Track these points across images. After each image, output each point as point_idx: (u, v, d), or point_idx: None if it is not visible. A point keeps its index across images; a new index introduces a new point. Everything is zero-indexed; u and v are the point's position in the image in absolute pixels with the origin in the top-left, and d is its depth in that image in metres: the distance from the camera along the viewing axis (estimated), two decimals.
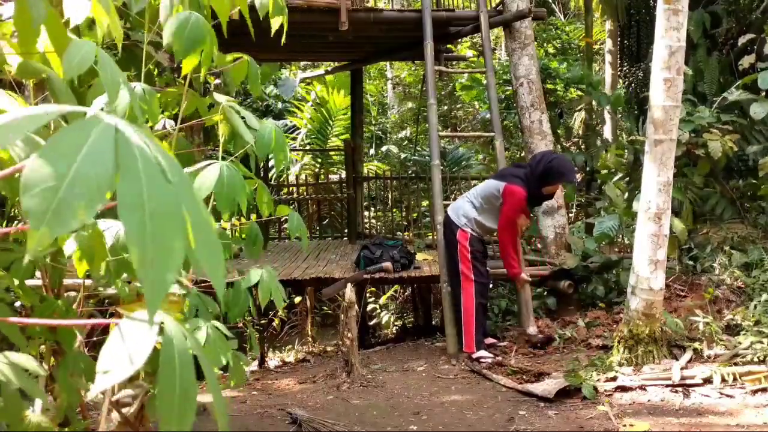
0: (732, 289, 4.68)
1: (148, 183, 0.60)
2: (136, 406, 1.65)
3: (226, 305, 1.82)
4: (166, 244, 0.60)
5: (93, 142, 0.60)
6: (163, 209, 0.60)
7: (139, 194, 0.59)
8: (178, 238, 0.61)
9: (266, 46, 6.81)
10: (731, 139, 5.05)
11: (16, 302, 1.64)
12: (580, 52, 11.10)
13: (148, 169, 0.62)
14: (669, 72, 3.79)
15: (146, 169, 0.61)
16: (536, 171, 4.31)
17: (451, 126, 12.01)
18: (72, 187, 0.57)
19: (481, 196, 4.50)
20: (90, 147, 0.59)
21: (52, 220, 0.56)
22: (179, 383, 0.71)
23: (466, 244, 4.44)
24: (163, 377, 0.71)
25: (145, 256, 0.58)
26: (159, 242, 0.59)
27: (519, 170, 4.48)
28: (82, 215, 0.57)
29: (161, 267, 0.59)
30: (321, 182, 9.83)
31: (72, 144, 0.59)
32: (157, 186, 0.61)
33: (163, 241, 0.60)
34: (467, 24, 6.41)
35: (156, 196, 0.60)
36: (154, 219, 0.59)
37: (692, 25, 6.62)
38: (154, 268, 0.59)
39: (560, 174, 4.29)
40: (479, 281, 4.44)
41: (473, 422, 3.31)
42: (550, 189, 4.40)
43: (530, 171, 4.36)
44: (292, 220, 1.92)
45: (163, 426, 0.70)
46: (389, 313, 8.42)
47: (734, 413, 3.19)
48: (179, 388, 0.71)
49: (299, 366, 5.61)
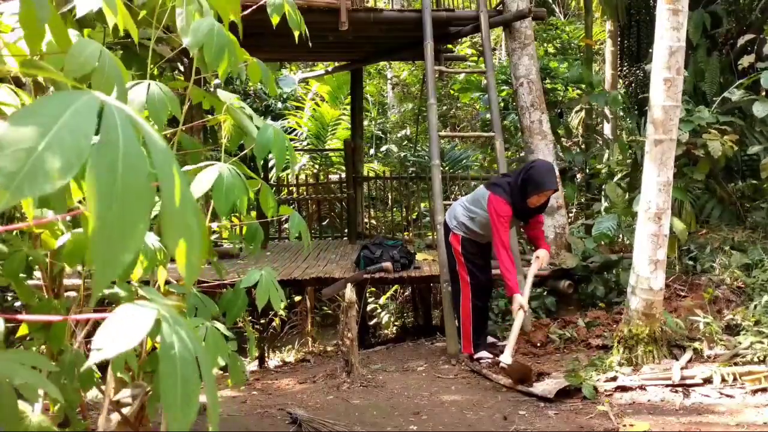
0: (732, 289, 4.68)
1: (124, 159, 0.59)
2: (136, 406, 1.65)
3: (224, 306, 1.82)
4: (131, 223, 0.59)
5: (75, 111, 0.59)
6: (136, 188, 0.59)
7: (112, 169, 0.58)
8: (143, 221, 0.60)
9: (266, 46, 6.82)
10: (730, 139, 5.05)
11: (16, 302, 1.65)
12: (580, 52, 11.09)
13: (129, 146, 0.60)
14: (669, 72, 3.79)
15: (126, 146, 0.60)
16: (517, 183, 4.07)
17: (451, 126, 12.00)
18: (48, 150, 0.56)
19: (471, 202, 4.40)
20: (71, 115, 0.59)
21: (23, 181, 0.55)
22: (180, 374, 0.72)
23: (458, 248, 4.43)
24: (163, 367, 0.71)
25: (105, 233, 0.57)
26: (124, 220, 0.58)
27: (505, 179, 4.25)
28: (56, 179, 0.56)
29: (120, 246, 0.58)
30: (321, 182, 9.83)
31: (53, 109, 0.59)
32: (134, 164, 0.60)
33: (129, 219, 0.58)
34: (467, 24, 6.40)
35: (131, 174, 0.59)
36: (125, 196, 0.58)
37: (692, 25, 6.62)
38: (112, 247, 0.57)
39: (538, 184, 3.98)
40: (473, 283, 4.41)
41: (473, 422, 3.31)
42: (534, 200, 4.08)
43: (513, 182, 4.11)
44: (293, 220, 1.92)
45: (167, 419, 0.70)
46: (389, 313, 8.41)
47: (734, 413, 3.18)
48: (180, 379, 0.71)
49: (299, 366, 5.60)
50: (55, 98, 0.60)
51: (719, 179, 5.78)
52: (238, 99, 1.77)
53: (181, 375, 0.71)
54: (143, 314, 0.76)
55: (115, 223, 0.58)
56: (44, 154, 0.57)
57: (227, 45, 1.54)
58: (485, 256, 4.51)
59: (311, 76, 11.23)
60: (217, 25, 1.54)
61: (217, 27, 1.53)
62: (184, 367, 0.72)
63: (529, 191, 4.02)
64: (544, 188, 4.00)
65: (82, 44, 1.17)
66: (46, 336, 1.50)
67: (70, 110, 0.59)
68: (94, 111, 0.60)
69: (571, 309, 5.34)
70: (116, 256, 0.58)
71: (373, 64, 11.29)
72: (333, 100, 11.47)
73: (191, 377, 0.72)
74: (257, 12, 1.91)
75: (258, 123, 1.73)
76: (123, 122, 0.62)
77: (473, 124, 11.89)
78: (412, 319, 8.38)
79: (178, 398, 0.70)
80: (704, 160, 5.17)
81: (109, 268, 0.58)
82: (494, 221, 4.06)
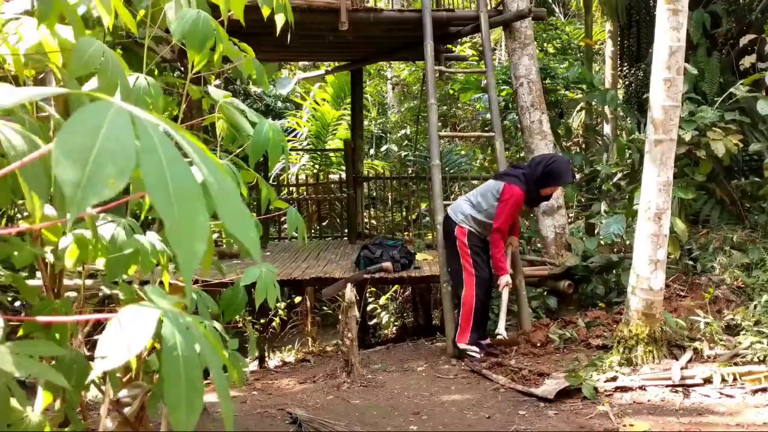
0: (732, 289, 4.68)
1: (168, 163, 0.65)
2: (136, 406, 1.65)
3: (224, 304, 1.82)
4: (191, 217, 0.65)
5: (111, 122, 0.64)
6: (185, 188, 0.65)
7: (161, 174, 0.64)
8: (201, 213, 0.66)
9: (265, 45, 6.81)
10: (734, 138, 5.05)
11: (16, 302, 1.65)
12: (580, 52, 11.08)
13: (167, 149, 0.66)
14: (669, 72, 3.79)
15: (165, 150, 0.65)
16: (536, 173, 4.39)
17: (451, 126, 11.99)
18: (100, 159, 0.61)
19: (480, 194, 4.58)
20: (109, 126, 0.63)
21: (86, 189, 0.60)
22: (184, 375, 0.72)
23: (464, 240, 4.51)
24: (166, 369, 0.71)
25: (175, 230, 0.63)
26: (186, 217, 0.64)
27: (518, 170, 4.55)
28: (113, 184, 0.61)
29: (191, 238, 0.64)
30: (321, 182, 9.82)
31: (91, 123, 0.63)
32: (177, 165, 0.65)
33: (189, 215, 0.64)
34: (467, 24, 6.40)
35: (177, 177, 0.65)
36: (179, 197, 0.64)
37: (692, 25, 6.62)
38: (185, 240, 0.63)
39: (558, 176, 4.38)
40: (480, 275, 4.49)
41: (473, 422, 3.31)
42: (548, 191, 4.50)
43: (530, 172, 4.43)
44: (290, 216, 1.91)
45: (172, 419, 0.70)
46: (389, 313, 8.41)
47: (734, 413, 3.18)
48: (185, 380, 0.71)
49: (299, 366, 5.60)
50: (87, 112, 0.64)
51: (720, 179, 5.78)
52: (229, 96, 1.76)
53: (185, 376, 0.72)
54: (145, 318, 0.76)
55: (180, 220, 0.64)
56: (98, 163, 0.61)
57: (213, 35, 1.53)
58: (488, 251, 4.64)
59: (311, 77, 11.22)
60: (203, 14, 1.53)
61: (203, 16, 1.52)
62: (187, 368, 0.73)
63: (549, 183, 4.40)
64: (564, 181, 4.48)
65: (86, 43, 1.17)
66: (47, 336, 1.50)
67: (106, 122, 0.64)
68: (128, 120, 0.65)
69: (571, 309, 5.34)
70: (191, 246, 0.64)
71: (373, 64, 11.28)
72: (335, 102, 11.47)
73: (195, 379, 0.72)
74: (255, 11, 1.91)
75: (253, 118, 1.72)
76: (153, 128, 0.67)
77: (473, 124, 11.87)
78: (412, 319, 8.38)
79: (182, 399, 0.70)
80: (706, 160, 5.17)
81: (189, 259, 0.64)
82: (507, 208, 4.36)
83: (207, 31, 1.51)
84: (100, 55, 1.16)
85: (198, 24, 1.50)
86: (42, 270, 1.62)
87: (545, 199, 4.62)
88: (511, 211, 4.40)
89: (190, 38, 1.49)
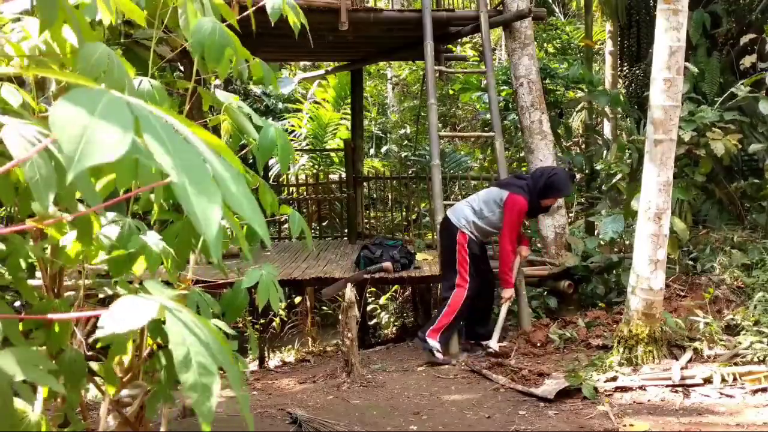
0: (732, 289, 4.68)
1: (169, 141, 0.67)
2: (136, 406, 1.65)
3: (224, 305, 1.82)
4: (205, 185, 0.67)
5: (108, 101, 0.66)
6: (191, 160, 0.67)
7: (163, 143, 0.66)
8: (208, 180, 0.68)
9: (266, 46, 6.82)
10: (733, 138, 5.05)
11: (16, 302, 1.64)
12: (580, 52, 11.08)
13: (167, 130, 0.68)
14: (669, 72, 3.79)
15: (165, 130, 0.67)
16: (538, 185, 4.50)
17: (451, 126, 11.98)
18: (98, 125, 0.63)
19: (483, 201, 4.62)
20: (106, 103, 0.66)
21: (86, 147, 0.62)
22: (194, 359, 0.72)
23: (465, 246, 4.54)
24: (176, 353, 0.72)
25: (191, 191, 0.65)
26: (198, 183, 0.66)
27: (521, 181, 4.64)
28: (113, 149, 0.62)
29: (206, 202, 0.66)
30: (321, 182, 9.82)
31: (89, 98, 0.65)
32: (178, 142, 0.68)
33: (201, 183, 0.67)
34: (467, 24, 6.40)
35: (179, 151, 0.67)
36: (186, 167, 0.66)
37: (692, 25, 6.62)
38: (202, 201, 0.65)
39: (559, 189, 4.53)
40: (472, 285, 4.53)
41: (473, 422, 3.31)
42: (548, 202, 4.63)
43: (532, 183, 4.53)
44: (294, 220, 1.91)
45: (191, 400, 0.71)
46: (389, 313, 8.41)
47: (734, 413, 3.18)
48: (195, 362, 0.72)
49: (299, 366, 5.60)
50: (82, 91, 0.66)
51: (720, 179, 5.78)
52: (237, 99, 1.76)
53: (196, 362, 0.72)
54: (146, 305, 0.78)
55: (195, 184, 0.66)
56: (96, 128, 0.63)
57: (229, 44, 1.54)
58: (484, 259, 4.72)
59: (311, 77, 11.22)
60: (219, 24, 1.54)
61: (219, 27, 1.53)
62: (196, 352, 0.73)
63: (549, 194, 4.54)
64: (565, 193, 4.68)
65: (92, 47, 1.18)
66: (46, 336, 1.50)
67: (103, 100, 0.66)
68: (124, 103, 0.67)
69: (571, 309, 5.34)
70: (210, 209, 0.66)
71: (373, 64, 11.28)
72: (336, 103, 11.47)
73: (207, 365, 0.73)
74: (257, 12, 1.91)
75: (258, 122, 1.73)
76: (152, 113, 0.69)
77: (473, 124, 11.87)
78: (412, 319, 8.37)
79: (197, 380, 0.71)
80: (706, 160, 5.17)
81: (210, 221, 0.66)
82: (512, 219, 4.47)
83: (224, 42, 1.53)
84: (105, 59, 1.17)
85: (215, 35, 1.52)
86: (42, 270, 1.62)
87: (545, 210, 4.77)
88: (518, 221, 4.51)
89: (210, 51, 1.50)
